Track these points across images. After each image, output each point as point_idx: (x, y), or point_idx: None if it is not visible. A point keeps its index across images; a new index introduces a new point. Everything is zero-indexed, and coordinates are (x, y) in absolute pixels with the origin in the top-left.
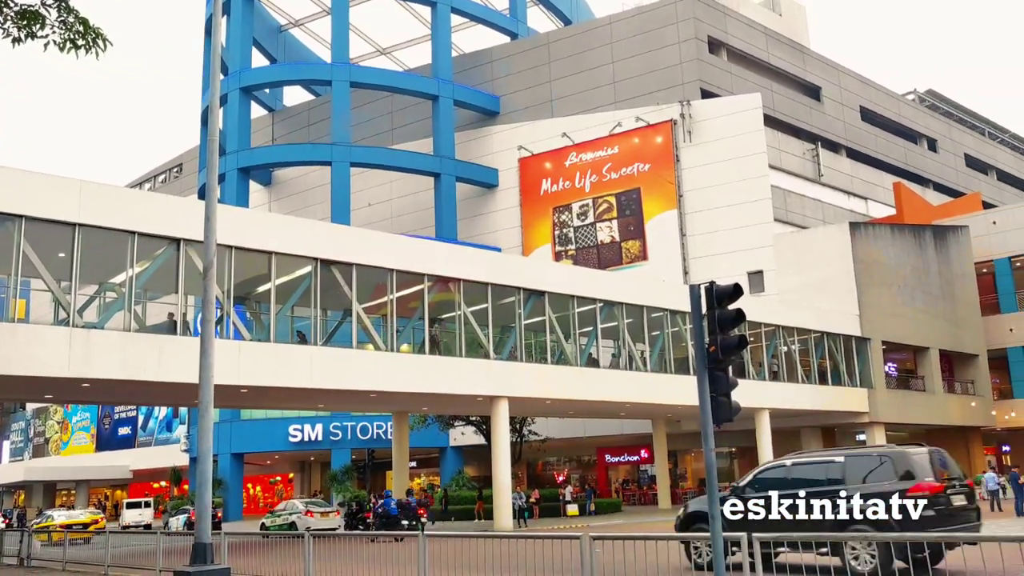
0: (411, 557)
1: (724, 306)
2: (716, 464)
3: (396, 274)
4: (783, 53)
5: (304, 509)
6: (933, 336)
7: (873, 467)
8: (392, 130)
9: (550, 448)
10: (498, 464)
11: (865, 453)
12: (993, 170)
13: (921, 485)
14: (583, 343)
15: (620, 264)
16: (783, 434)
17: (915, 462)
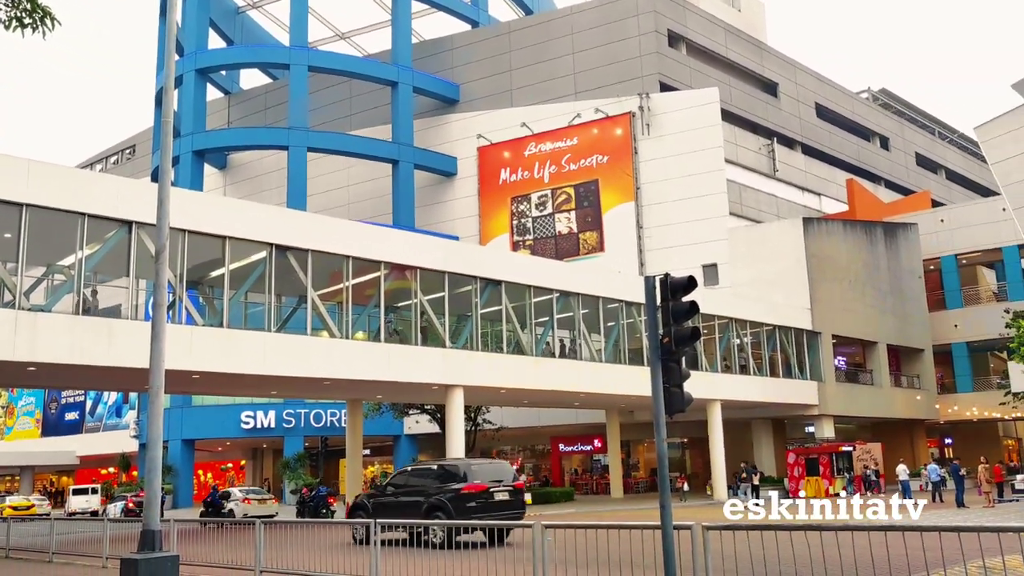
0: (362, 545)
1: (678, 298)
2: (668, 454)
3: (352, 261)
4: (741, 49)
5: (242, 496)
6: (882, 331)
7: (447, 472)
8: (350, 116)
9: (504, 437)
10: (452, 452)
11: (446, 463)
12: (942, 169)
13: (470, 486)
14: (539, 333)
15: (577, 255)
16: (734, 425)
17: (472, 470)
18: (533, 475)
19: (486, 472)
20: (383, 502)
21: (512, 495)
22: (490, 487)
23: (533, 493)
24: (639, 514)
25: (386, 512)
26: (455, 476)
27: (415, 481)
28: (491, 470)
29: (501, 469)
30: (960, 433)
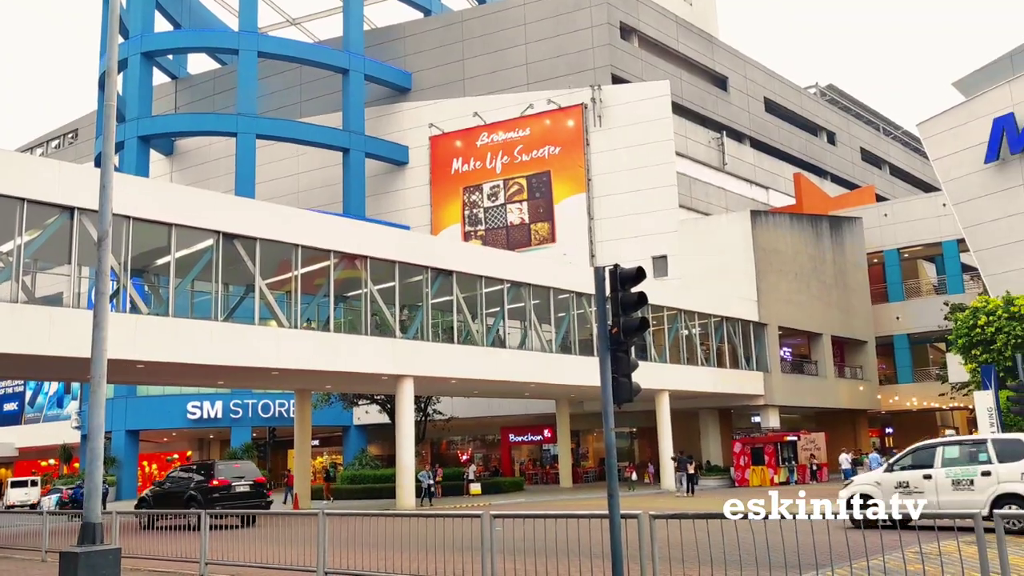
0: (310, 537)
1: (627, 289)
2: (617, 444)
3: (301, 250)
4: (693, 42)
5: None
6: (826, 323)
7: (201, 471)
8: (300, 103)
9: (454, 427)
10: (402, 443)
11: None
12: (886, 164)
13: (215, 481)
14: (490, 323)
15: (529, 246)
16: (682, 415)
17: (219, 469)
18: (483, 465)
19: (231, 471)
20: (159, 494)
21: (253, 488)
22: (232, 482)
23: (483, 483)
24: (587, 503)
25: (161, 503)
26: (206, 473)
27: (183, 478)
28: (236, 469)
29: (246, 468)
30: (900, 423)
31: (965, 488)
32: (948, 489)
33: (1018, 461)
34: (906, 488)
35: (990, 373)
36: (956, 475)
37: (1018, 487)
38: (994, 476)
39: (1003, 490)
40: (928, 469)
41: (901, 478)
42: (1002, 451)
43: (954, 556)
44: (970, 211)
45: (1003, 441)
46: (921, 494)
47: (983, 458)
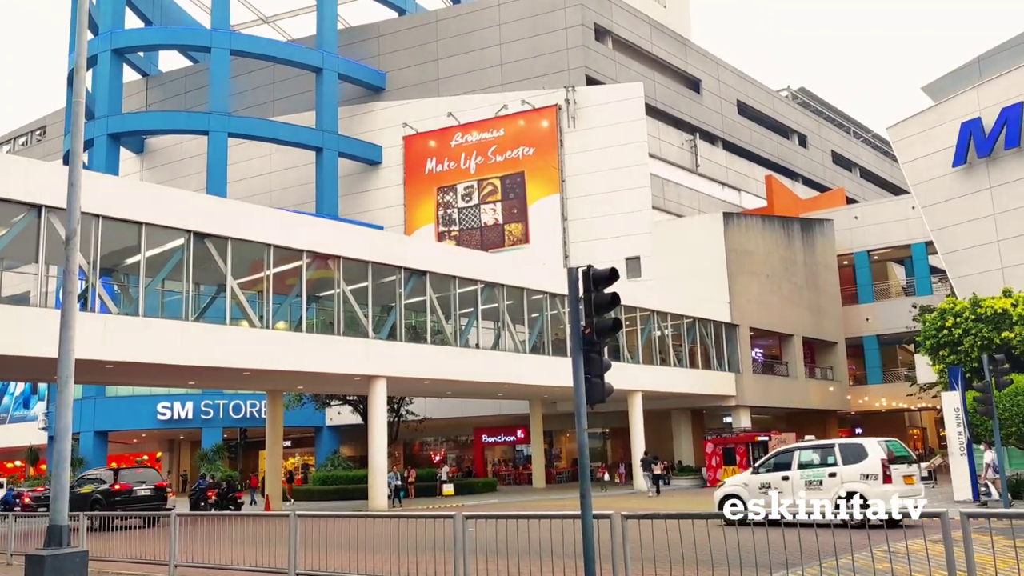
0: (281, 537)
1: (600, 289)
2: (589, 444)
3: (273, 249)
4: (666, 44)
5: None
6: (797, 324)
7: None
8: (273, 101)
9: (427, 428)
10: (374, 444)
11: (108, 469)
12: (857, 167)
13: (117, 485)
14: (463, 324)
15: (503, 246)
16: (655, 415)
17: (121, 475)
18: (456, 466)
19: (133, 476)
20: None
21: (154, 492)
22: (133, 487)
23: (456, 484)
24: (560, 504)
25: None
26: (111, 478)
27: (90, 480)
28: (138, 475)
29: (147, 475)
30: (870, 423)
31: (816, 488)
32: (802, 489)
33: (859, 463)
34: (768, 488)
35: (957, 374)
36: (808, 476)
37: (858, 486)
38: (839, 477)
39: (846, 489)
40: (787, 471)
41: (764, 479)
42: (846, 454)
43: (921, 555)
44: (938, 214)
45: (847, 445)
46: (781, 493)
47: (831, 461)
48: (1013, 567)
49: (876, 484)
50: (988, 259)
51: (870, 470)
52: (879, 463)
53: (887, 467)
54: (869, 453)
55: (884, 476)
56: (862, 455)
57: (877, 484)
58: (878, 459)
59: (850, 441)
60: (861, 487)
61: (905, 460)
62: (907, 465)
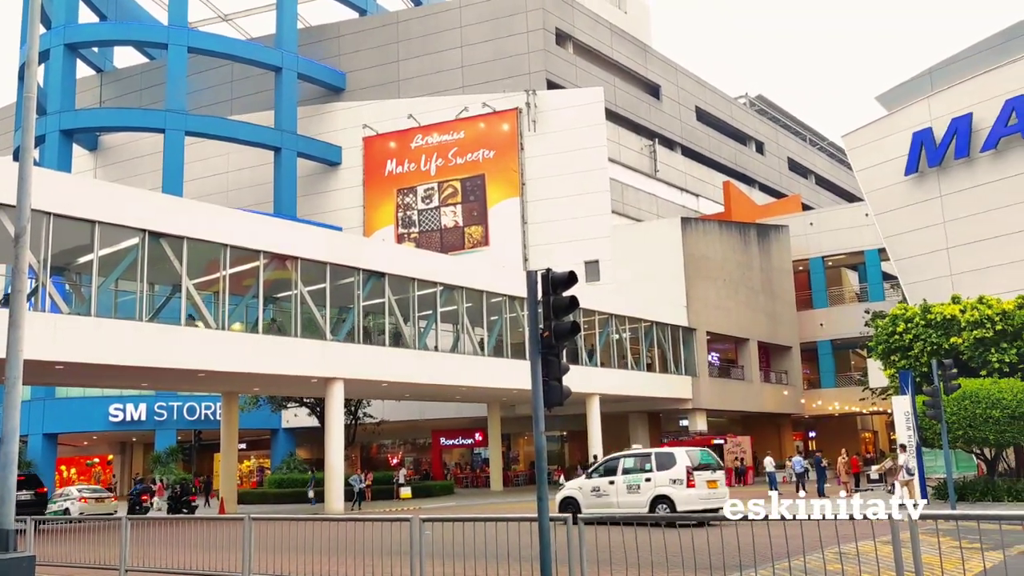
0: (235, 541)
1: (559, 293)
2: (547, 447)
3: (230, 250)
4: (627, 50)
5: (78, 496)
6: (753, 328)
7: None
8: (231, 100)
9: (385, 431)
10: (331, 447)
11: None
12: (812, 174)
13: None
14: (422, 326)
15: (463, 249)
16: (612, 418)
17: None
18: (414, 469)
19: None
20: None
21: (35, 497)
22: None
23: (413, 487)
24: (517, 507)
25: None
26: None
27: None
28: (20, 482)
29: (28, 480)
30: (823, 427)
31: (635, 492)
32: (624, 492)
33: (670, 469)
34: (598, 491)
35: (907, 379)
36: (630, 481)
37: (667, 490)
38: (652, 481)
39: (657, 492)
40: (613, 476)
41: (595, 484)
42: (660, 462)
43: (871, 556)
44: (890, 221)
45: (661, 454)
46: (608, 496)
47: (648, 467)
48: (958, 567)
49: (682, 488)
50: (938, 266)
51: (677, 476)
52: (684, 470)
53: (691, 473)
54: (677, 461)
55: (688, 481)
56: (672, 463)
57: (682, 488)
58: (684, 466)
59: (663, 450)
60: (669, 490)
61: (710, 467)
62: (711, 472)
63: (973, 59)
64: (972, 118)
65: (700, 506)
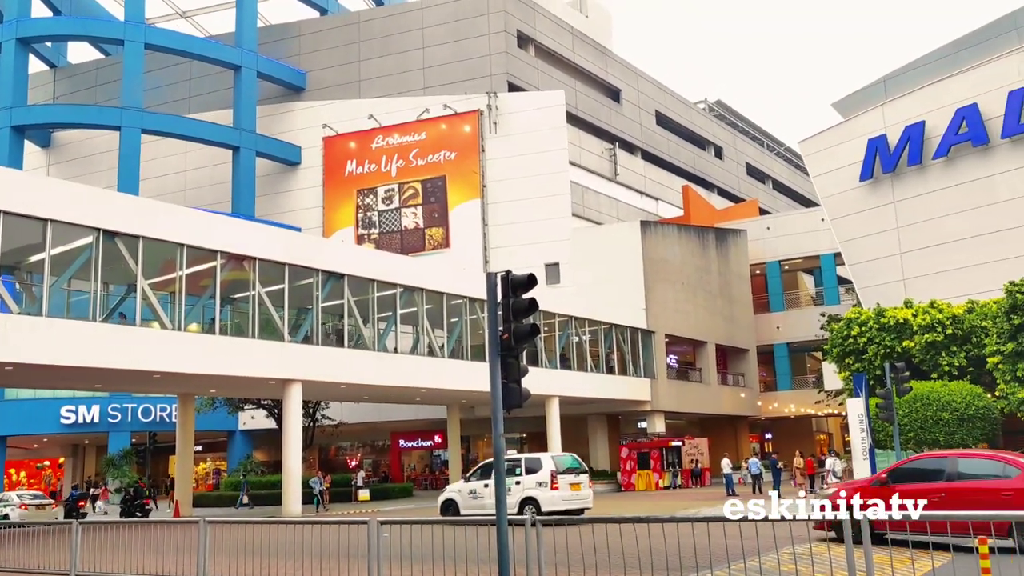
0: (191, 545)
1: (518, 295)
2: (505, 449)
3: (186, 249)
4: (588, 54)
5: (19, 502)
6: (711, 331)
7: None
8: (189, 98)
9: (343, 433)
10: (288, 449)
11: None
12: (770, 179)
13: None
14: (381, 328)
15: (423, 250)
16: (571, 420)
17: None
18: (372, 471)
19: None
20: None
21: None
22: None
23: (372, 490)
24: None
25: None
26: None
27: None
28: None
29: None
30: (779, 429)
31: (507, 494)
32: None
33: (537, 473)
34: (475, 494)
35: (861, 381)
36: None
37: (534, 492)
38: (521, 484)
39: (525, 494)
40: (488, 480)
41: (472, 487)
42: (529, 466)
43: (824, 556)
44: (846, 226)
45: (530, 459)
46: (483, 498)
47: (518, 471)
48: (908, 567)
49: (546, 490)
50: (891, 271)
51: (543, 479)
52: (549, 473)
53: (555, 477)
54: (543, 465)
55: (552, 484)
56: (539, 467)
57: (547, 490)
58: (549, 470)
59: (532, 455)
60: (536, 492)
61: (574, 471)
62: (575, 475)
63: (926, 68)
64: (925, 126)
65: (563, 507)
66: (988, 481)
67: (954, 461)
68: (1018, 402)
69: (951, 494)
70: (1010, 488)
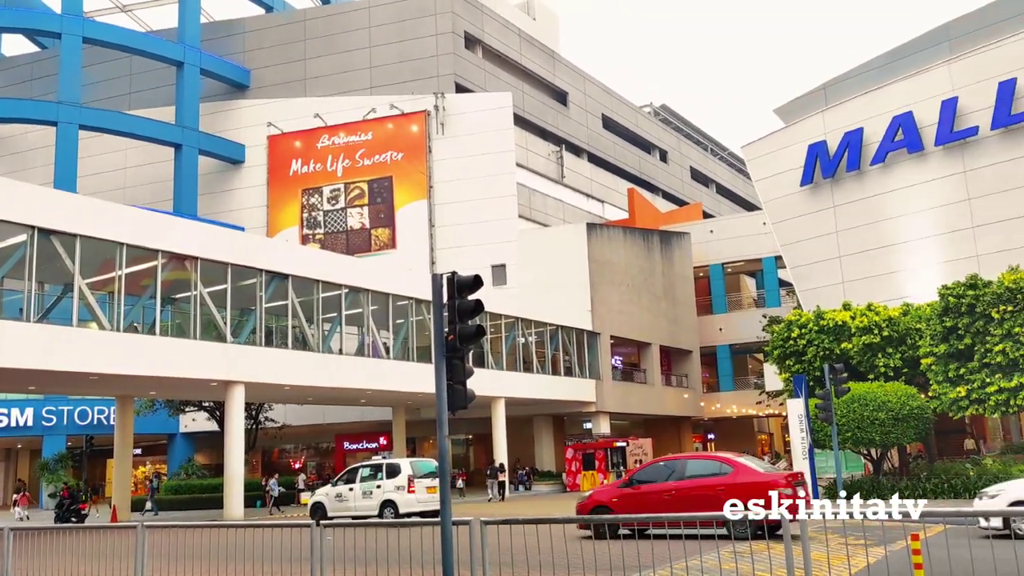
0: (128, 550)
1: (464, 296)
2: (453, 451)
3: (126, 248)
4: (535, 56)
5: None
6: (655, 333)
7: None
8: (130, 94)
9: (287, 435)
10: (231, 452)
11: None
12: (713, 183)
13: None
14: (326, 329)
15: (369, 251)
16: (517, 422)
17: None
18: (316, 474)
19: None
20: None
21: None
22: None
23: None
24: None
25: None
26: None
27: None
28: None
29: None
30: (721, 429)
31: (369, 497)
32: (360, 498)
33: (395, 478)
34: (341, 498)
35: (801, 382)
36: (364, 488)
37: (392, 495)
38: (382, 488)
39: (384, 497)
40: (352, 484)
41: (339, 491)
42: (388, 471)
43: (764, 554)
44: (787, 230)
45: (390, 465)
46: (348, 501)
47: (380, 476)
48: (844, 563)
49: (404, 493)
50: (831, 274)
51: (401, 483)
52: (407, 478)
53: (412, 481)
54: (401, 471)
55: (408, 488)
56: (398, 472)
57: (404, 493)
58: (407, 475)
59: (392, 461)
60: (394, 496)
61: (431, 475)
62: (432, 479)
63: (864, 76)
64: (863, 132)
65: (419, 508)
66: (709, 479)
67: (684, 463)
68: (949, 402)
69: (680, 491)
70: (724, 483)
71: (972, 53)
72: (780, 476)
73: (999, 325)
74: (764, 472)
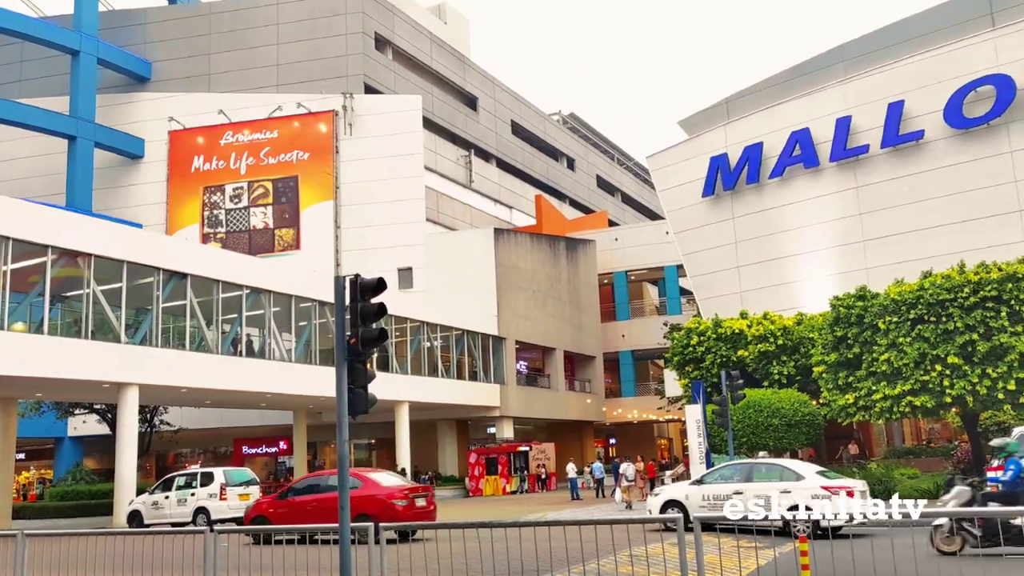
0: (6, 560)
1: (367, 299)
2: (356, 455)
3: (12, 243)
4: (446, 60)
5: None
6: (560, 338)
7: None
8: (20, 82)
9: (183, 439)
10: (122, 456)
11: None
12: (619, 192)
13: None
14: (226, 330)
15: (272, 251)
16: (421, 426)
17: None
18: None
19: None
20: None
21: None
22: None
23: None
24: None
25: None
26: None
27: None
28: None
29: None
30: (623, 433)
31: (183, 504)
32: (176, 505)
33: (209, 486)
34: (157, 505)
35: (699, 388)
36: (179, 496)
37: (205, 502)
38: (196, 496)
39: (198, 504)
40: (168, 492)
41: (155, 498)
42: (203, 480)
43: (660, 558)
44: (689, 240)
45: (204, 473)
46: (164, 508)
47: (195, 484)
48: (736, 565)
49: (216, 500)
50: (729, 283)
51: (213, 491)
52: (219, 486)
53: (224, 489)
54: (215, 479)
55: (220, 495)
56: (211, 480)
57: (217, 500)
58: (219, 483)
59: (206, 470)
60: (207, 503)
61: (244, 483)
62: (245, 487)
63: (765, 92)
64: (763, 147)
65: (231, 515)
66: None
67: (327, 478)
68: (839, 408)
69: (321, 502)
70: (355, 496)
71: (865, 74)
72: (399, 489)
73: (884, 335)
74: (387, 485)
